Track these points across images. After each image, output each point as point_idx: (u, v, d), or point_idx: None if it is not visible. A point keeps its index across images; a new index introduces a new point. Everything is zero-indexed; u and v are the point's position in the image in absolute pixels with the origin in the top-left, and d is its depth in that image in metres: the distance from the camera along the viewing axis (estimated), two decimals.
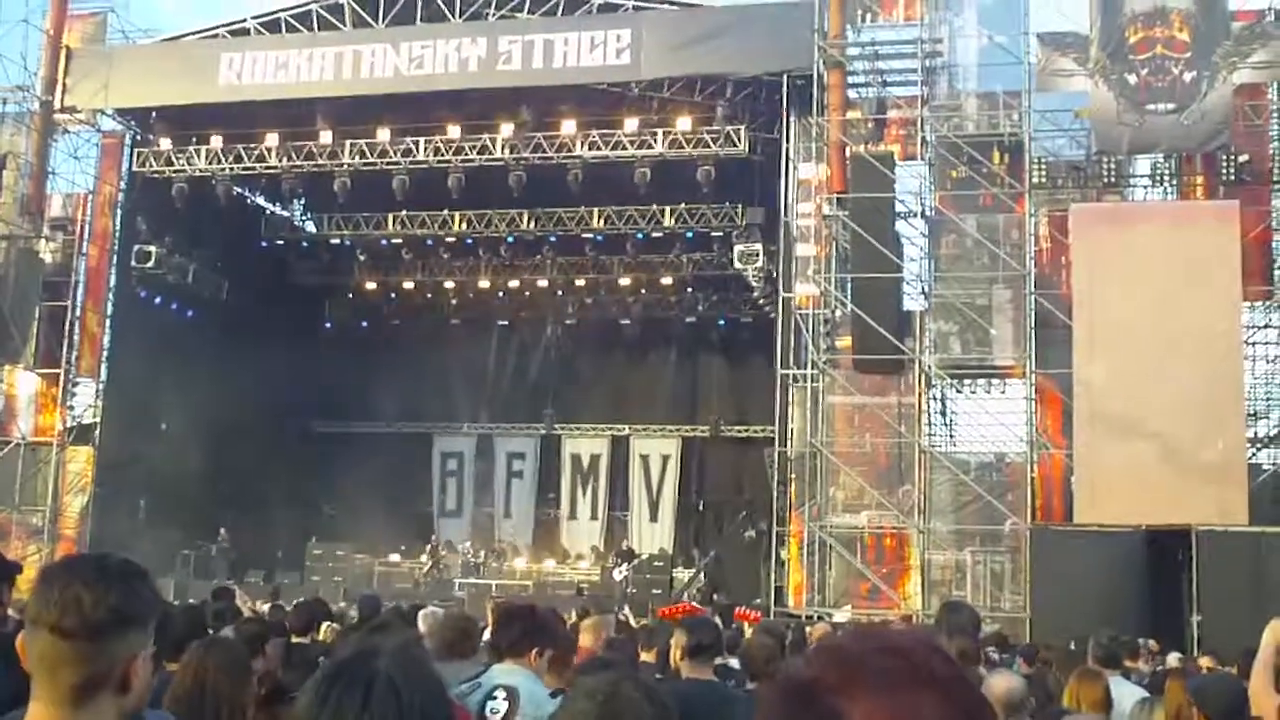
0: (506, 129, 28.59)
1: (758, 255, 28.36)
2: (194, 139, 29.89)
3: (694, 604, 23.81)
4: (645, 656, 7.96)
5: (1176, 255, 22.77)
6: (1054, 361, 23.45)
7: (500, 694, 5.22)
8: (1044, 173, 24.62)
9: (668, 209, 30.83)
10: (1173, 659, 13.73)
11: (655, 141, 27.98)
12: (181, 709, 4.28)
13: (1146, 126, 23.09)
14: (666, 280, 33.80)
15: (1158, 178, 25.32)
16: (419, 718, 2.13)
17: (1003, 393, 26.56)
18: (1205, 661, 12.61)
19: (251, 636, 6.47)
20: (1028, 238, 24.44)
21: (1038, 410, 23.89)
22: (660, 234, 31.79)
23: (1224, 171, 23.76)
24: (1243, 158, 23.76)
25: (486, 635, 6.37)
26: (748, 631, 11.27)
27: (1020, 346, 24.23)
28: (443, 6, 28.24)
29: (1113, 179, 24.58)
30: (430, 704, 2.18)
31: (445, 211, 32.05)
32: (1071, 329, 22.98)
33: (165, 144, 29.94)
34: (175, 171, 29.89)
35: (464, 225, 32.50)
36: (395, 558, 31.40)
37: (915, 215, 25.80)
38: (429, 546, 31.91)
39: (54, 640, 2.43)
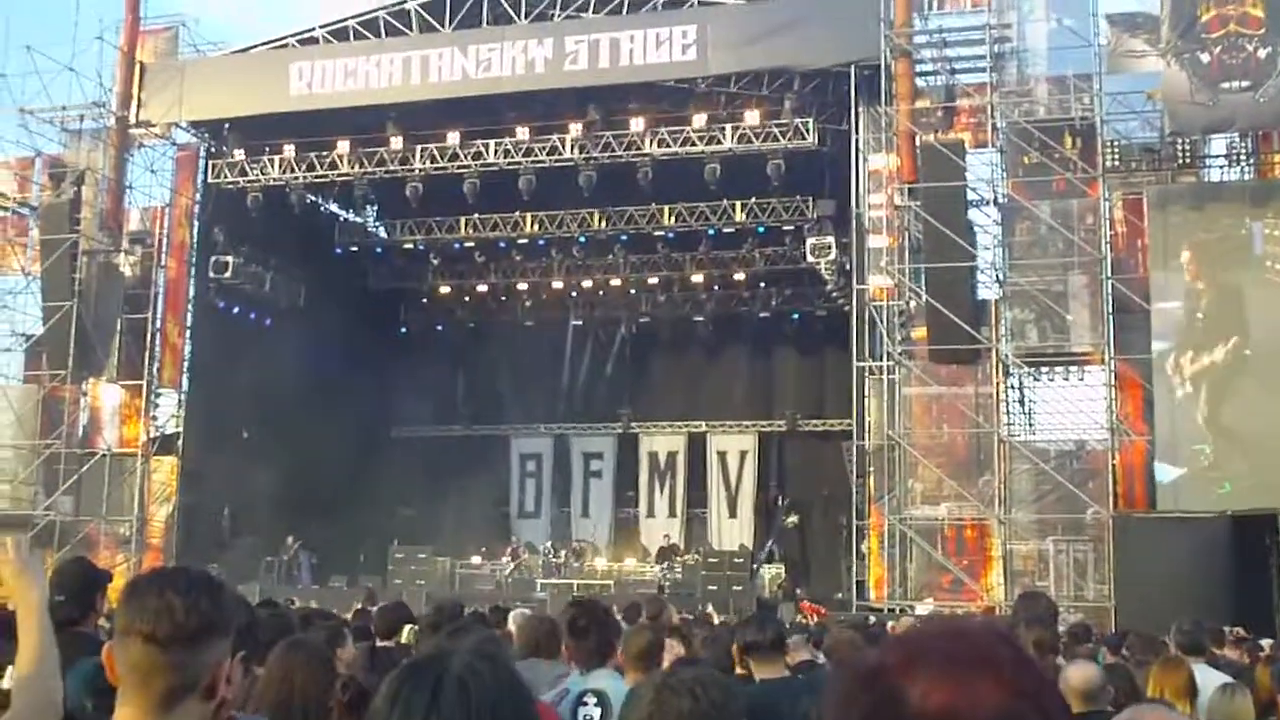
0: (575, 129, 28.58)
1: (830, 248, 28.26)
2: (267, 149, 30.13)
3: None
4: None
5: (1255, 235, 22.48)
6: (1132, 346, 23.21)
7: (591, 699, 5.26)
8: (1117, 156, 24.36)
9: (738, 204, 30.67)
10: (1266, 645, 13.52)
11: (724, 137, 27.90)
12: (268, 708, 4.35)
13: (1221, 105, 22.71)
14: (739, 275, 33.70)
15: (1234, 157, 24.93)
16: (490, 717, 2.14)
17: (1081, 380, 26.19)
18: None
19: (331, 632, 6.57)
20: (1102, 222, 24.14)
21: (1117, 396, 23.60)
22: (731, 229, 31.69)
23: None
24: None
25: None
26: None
27: (1098, 332, 23.93)
28: (508, 8, 28.38)
29: (1188, 160, 24.27)
30: (504, 703, 2.19)
31: (516, 213, 32.12)
32: (1149, 313, 22.73)
33: (239, 155, 30.17)
34: (249, 182, 30.21)
35: (535, 226, 32.59)
36: (476, 560, 31.48)
37: (987, 203, 25.56)
38: (510, 548, 32.04)
39: (148, 649, 2.49)
